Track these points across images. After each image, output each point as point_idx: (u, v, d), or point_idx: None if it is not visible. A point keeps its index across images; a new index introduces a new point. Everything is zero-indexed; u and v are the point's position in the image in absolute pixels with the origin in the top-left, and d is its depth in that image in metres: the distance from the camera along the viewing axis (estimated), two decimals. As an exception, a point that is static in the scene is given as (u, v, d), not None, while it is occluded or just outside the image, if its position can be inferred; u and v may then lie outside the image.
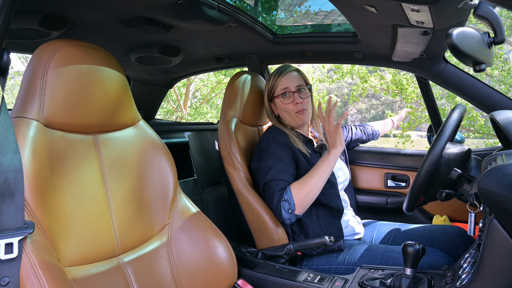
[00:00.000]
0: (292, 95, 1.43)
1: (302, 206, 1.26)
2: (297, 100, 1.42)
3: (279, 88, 1.44)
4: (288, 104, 1.44)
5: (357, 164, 1.93)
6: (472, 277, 0.84)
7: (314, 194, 1.27)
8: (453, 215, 1.73)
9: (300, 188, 1.26)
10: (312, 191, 1.26)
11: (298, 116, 1.44)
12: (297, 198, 1.25)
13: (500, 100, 1.42)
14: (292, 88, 1.43)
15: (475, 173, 1.09)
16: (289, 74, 1.45)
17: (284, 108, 1.45)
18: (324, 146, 1.49)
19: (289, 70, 1.46)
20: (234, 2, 1.45)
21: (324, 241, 1.24)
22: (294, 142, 1.42)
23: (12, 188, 0.72)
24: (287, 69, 1.46)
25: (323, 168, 1.28)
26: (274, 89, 1.47)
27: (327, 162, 1.29)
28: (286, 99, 1.44)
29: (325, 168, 1.28)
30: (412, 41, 1.26)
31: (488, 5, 0.84)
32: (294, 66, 1.51)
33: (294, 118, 1.45)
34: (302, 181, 1.27)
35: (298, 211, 1.25)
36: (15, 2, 0.78)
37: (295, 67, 1.50)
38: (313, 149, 1.49)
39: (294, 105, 1.43)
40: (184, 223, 1.10)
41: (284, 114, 1.47)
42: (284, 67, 1.47)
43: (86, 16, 1.32)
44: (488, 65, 0.88)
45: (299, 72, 1.49)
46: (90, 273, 0.87)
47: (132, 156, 1.06)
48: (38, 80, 0.86)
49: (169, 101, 10.59)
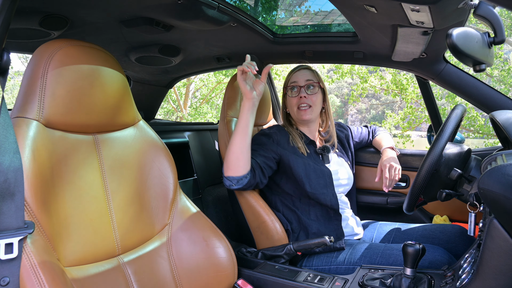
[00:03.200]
0: (299, 89, 1.47)
1: (226, 166, 1.27)
2: (302, 94, 1.46)
3: (290, 82, 1.50)
4: (293, 97, 1.48)
5: (358, 164, 1.93)
6: (472, 277, 0.84)
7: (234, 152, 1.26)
8: (453, 215, 1.73)
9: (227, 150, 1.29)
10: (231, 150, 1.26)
11: (299, 112, 1.47)
12: (224, 160, 1.29)
13: (500, 100, 1.42)
14: (300, 83, 1.47)
15: (475, 173, 1.09)
16: (301, 70, 1.51)
17: (289, 101, 1.50)
18: (326, 148, 1.50)
19: (303, 67, 1.52)
20: (234, 2, 1.45)
21: (324, 241, 1.24)
22: (293, 140, 1.44)
23: (12, 188, 0.72)
24: (302, 66, 1.53)
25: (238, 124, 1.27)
26: (287, 84, 1.52)
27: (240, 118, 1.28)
28: (292, 92, 1.48)
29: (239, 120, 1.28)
30: (412, 41, 1.26)
31: (488, 5, 0.84)
32: (310, 66, 1.56)
33: (295, 113, 1.48)
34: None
35: (226, 172, 1.28)
36: (15, 2, 0.78)
37: (311, 67, 1.55)
38: (315, 150, 1.49)
39: (298, 99, 1.46)
40: (184, 223, 1.10)
41: (290, 108, 1.52)
42: (300, 65, 1.53)
43: (86, 16, 1.32)
44: (488, 65, 0.88)
45: (312, 71, 1.52)
46: (90, 273, 0.87)
47: (132, 156, 1.06)
48: (38, 80, 0.86)
49: (169, 101, 10.60)
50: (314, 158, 1.45)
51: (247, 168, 1.27)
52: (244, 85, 1.25)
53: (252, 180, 1.29)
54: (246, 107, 1.27)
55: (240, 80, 1.25)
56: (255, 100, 1.28)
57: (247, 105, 1.27)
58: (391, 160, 1.50)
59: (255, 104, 1.28)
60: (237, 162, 1.26)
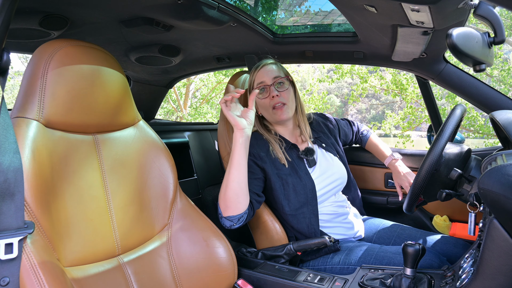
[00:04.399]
0: (269, 88, 1.35)
1: (225, 206, 1.17)
2: (273, 93, 1.34)
3: (256, 83, 1.37)
4: (264, 99, 1.36)
5: (357, 164, 1.93)
6: (472, 277, 0.84)
7: (232, 189, 1.16)
8: (453, 215, 1.73)
9: (220, 190, 1.18)
10: (228, 187, 1.16)
11: (275, 112, 1.35)
12: (220, 200, 1.19)
13: (500, 100, 1.42)
14: (268, 82, 1.35)
15: (475, 173, 1.09)
16: (265, 67, 1.37)
17: (261, 104, 1.38)
18: (309, 150, 1.39)
19: (265, 63, 1.38)
20: (234, 2, 1.45)
21: (324, 241, 1.24)
22: (273, 150, 1.34)
23: (12, 188, 0.72)
24: (263, 62, 1.39)
25: (232, 158, 1.17)
26: (252, 85, 1.39)
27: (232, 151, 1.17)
28: (262, 93, 1.36)
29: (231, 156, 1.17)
30: (412, 41, 1.26)
31: (488, 5, 0.84)
32: (272, 59, 1.43)
33: (271, 114, 1.37)
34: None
35: (225, 213, 1.18)
36: (15, 2, 0.78)
37: (273, 60, 1.43)
38: (298, 155, 1.39)
39: (270, 99, 1.34)
40: (184, 223, 1.10)
41: (263, 111, 1.40)
42: (261, 62, 1.39)
43: (86, 16, 1.32)
44: (488, 65, 0.88)
45: (277, 65, 1.41)
46: (90, 273, 0.87)
47: (132, 156, 1.06)
48: (38, 80, 0.86)
49: (169, 101, 10.60)
50: (298, 164, 1.36)
51: (247, 202, 1.18)
52: (232, 116, 1.15)
53: (251, 212, 1.23)
54: (238, 140, 1.16)
55: (226, 112, 1.15)
56: (247, 130, 1.17)
57: (239, 138, 1.15)
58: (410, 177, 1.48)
59: (247, 134, 1.17)
60: (237, 199, 1.16)
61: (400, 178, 1.50)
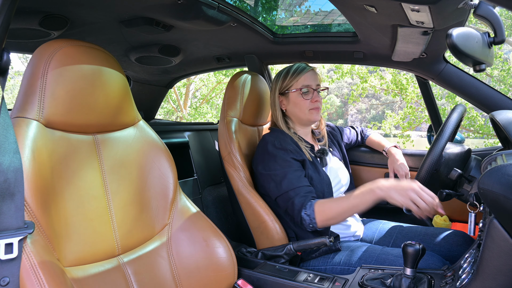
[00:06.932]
0: (312, 92, 1.44)
1: (324, 225, 1.26)
2: (316, 98, 1.44)
3: (300, 84, 1.44)
4: (307, 100, 1.43)
5: (357, 164, 1.93)
6: (472, 277, 0.84)
7: (337, 221, 1.27)
8: (453, 215, 1.73)
9: (324, 211, 1.23)
10: (335, 219, 1.25)
11: (312, 112, 1.44)
12: (320, 218, 1.24)
13: (500, 100, 1.42)
14: (313, 86, 1.45)
15: (475, 173, 1.09)
16: (311, 72, 1.47)
17: (299, 102, 1.44)
18: (324, 151, 1.47)
19: (311, 69, 1.48)
20: (234, 2, 1.45)
21: (324, 241, 1.24)
22: (301, 148, 1.40)
23: (12, 188, 0.72)
24: (308, 67, 1.47)
25: (355, 203, 1.19)
26: (292, 84, 1.45)
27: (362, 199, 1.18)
28: (306, 95, 1.44)
29: (357, 203, 1.19)
30: (412, 41, 1.26)
31: (488, 5, 0.84)
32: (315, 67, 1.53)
33: (306, 114, 1.44)
34: (328, 205, 1.24)
35: (319, 226, 1.25)
36: (15, 2, 0.78)
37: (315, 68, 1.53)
38: (314, 153, 1.46)
39: (313, 102, 1.44)
40: (184, 223, 1.10)
41: (295, 109, 1.45)
42: (304, 65, 1.48)
43: (86, 16, 1.32)
44: (488, 65, 0.88)
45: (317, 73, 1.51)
46: (90, 273, 0.87)
47: (132, 156, 1.06)
48: (38, 80, 0.86)
49: (169, 101, 10.60)
50: (315, 163, 1.43)
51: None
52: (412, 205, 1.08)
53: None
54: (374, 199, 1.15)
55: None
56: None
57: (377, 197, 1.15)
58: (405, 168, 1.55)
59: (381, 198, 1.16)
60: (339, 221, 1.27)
61: (397, 164, 1.59)
